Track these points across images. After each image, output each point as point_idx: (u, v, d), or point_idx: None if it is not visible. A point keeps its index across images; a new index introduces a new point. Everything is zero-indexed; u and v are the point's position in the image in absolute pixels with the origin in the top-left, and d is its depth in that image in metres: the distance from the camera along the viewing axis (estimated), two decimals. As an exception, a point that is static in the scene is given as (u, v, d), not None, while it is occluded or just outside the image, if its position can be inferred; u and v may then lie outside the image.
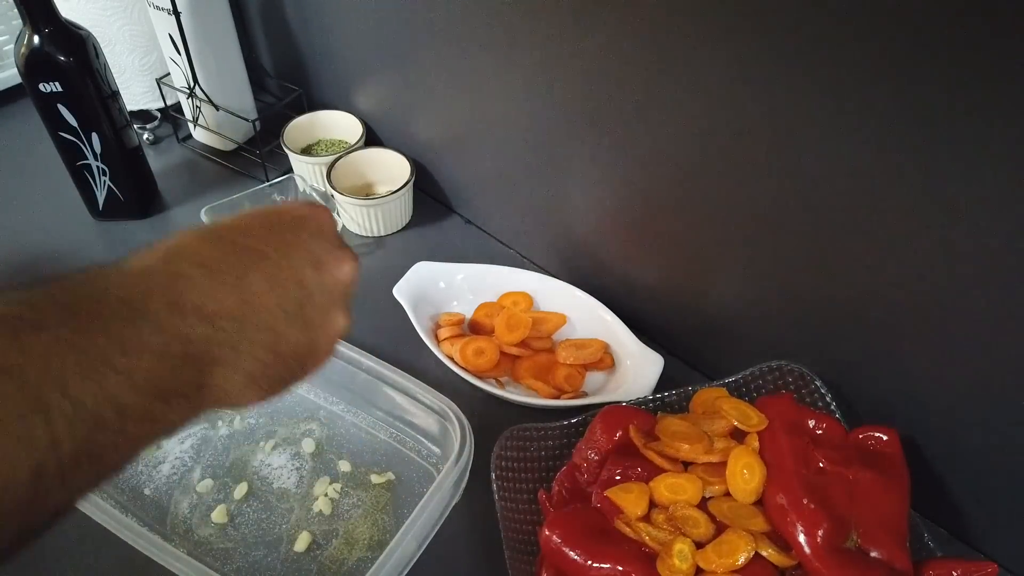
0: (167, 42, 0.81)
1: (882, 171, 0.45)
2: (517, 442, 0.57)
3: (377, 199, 0.76)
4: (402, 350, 0.67)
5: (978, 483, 0.52)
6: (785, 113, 0.47)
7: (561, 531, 0.48)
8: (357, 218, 0.78)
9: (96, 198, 0.79)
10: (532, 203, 0.73)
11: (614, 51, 0.54)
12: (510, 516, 0.53)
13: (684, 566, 0.45)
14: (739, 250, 0.57)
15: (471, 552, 0.54)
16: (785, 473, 0.49)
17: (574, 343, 0.67)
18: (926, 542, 0.49)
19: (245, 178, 0.87)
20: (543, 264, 0.77)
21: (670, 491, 0.49)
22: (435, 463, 0.59)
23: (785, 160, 0.49)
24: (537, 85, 0.63)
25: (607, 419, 0.54)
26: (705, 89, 0.51)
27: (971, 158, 0.41)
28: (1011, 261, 0.42)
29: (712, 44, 0.48)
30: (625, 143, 0.59)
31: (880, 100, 0.42)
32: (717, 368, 0.65)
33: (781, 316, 0.58)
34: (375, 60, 0.79)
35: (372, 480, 0.58)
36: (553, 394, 0.63)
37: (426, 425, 0.57)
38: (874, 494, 0.48)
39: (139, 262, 0.29)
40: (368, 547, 0.54)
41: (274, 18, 0.88)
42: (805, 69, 0.45)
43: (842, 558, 0.45)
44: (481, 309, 0.70)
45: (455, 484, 0.51)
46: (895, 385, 0.53)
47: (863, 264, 0.49)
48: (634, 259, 0.66)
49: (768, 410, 0.53)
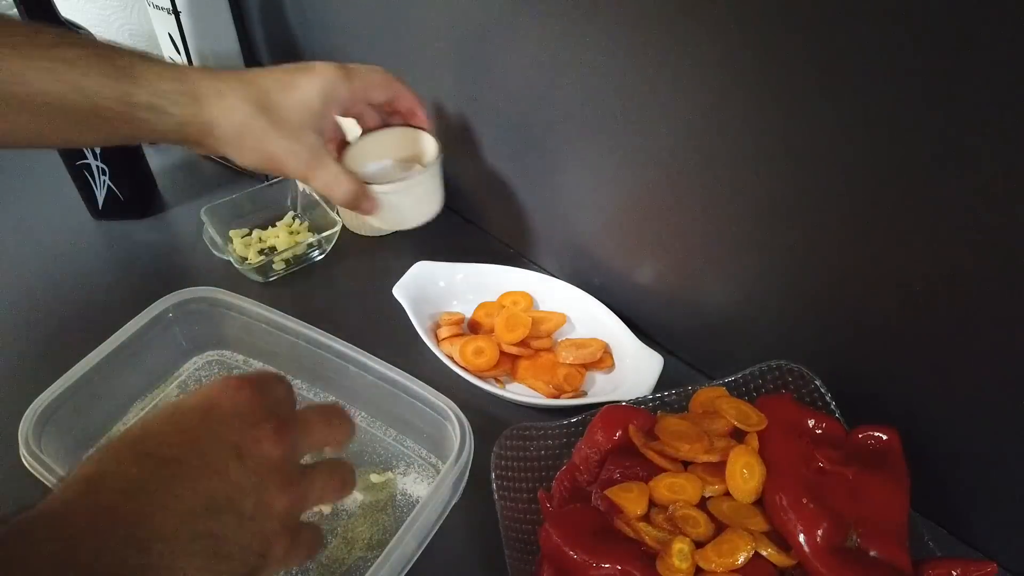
0: (167, 42, 0.81)
1: (882, 171, 0.45)
2: (517, 442, 0.57)
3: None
4: (402, 350, 0.67)
5: (978, 483, 0.52)
6: (785, 113, 0.47)
7: (561, 531, 0.48)
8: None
9: (96, 197, 0.79)
10: (532, 203, 0.73)
11: (612, 50, 0.55)
12: (510, 516, 0.53)
13: (684, 566, 0.45)
14: (739, 250, 0.57)
15: (471, 552, 0.54)
16: (785, 473, 0.48)
17: (574, 343, 0.67)
18: (926, 542, 0.49)
19: (245, 178, 0.86)
20: (543, 264, 0.77)
21: (670, 491, 0.49)
22: (435, 463, 0.59)
23: (785, 160, 0.49)
24: (536, 85, 0.63)
25: (607, 419, 0.54)
26: (704, 88, 0.51)
27: (971, 159, 0.41)
28: (1011, 261, 0.42)
29: (710, 44, 0.48)
30: (624, 142, 0.59)
31: (880, 100, 0.42)
32: (717, 368, 0.65)
33: (781, 316, 0.58)
34: (375, 59, 0.79)
35: (372, 479, 0.58)
36: (553, 394, 0.63)
37: (425, 424, 0.57)
38: (874, 494, 0.48)
39: (64, 501, 0.28)
40: (367, 547, 0.54)
41: (274, 17, 0.88)
42: (805, 68, 0.45)
43: (842, 558, 0.45)
44: (481, 309, 0.70)
45: (454, 484, 0.51)
46: (895, 385, 0.53)
47: (863, 264, 0.49)
48: (634, 259, 0.67)
49: (768, 410, 0.53)
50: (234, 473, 0.31)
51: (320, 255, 0.78)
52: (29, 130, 0.49)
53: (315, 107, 0.54)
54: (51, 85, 0.46)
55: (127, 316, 0.59)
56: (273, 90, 0.53)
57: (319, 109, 0.54)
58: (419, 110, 0.62)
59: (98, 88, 0.48)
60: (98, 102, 0.48)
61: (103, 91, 0.48)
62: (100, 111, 0.48)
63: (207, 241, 0.75)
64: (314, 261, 0.77)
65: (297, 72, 0.54)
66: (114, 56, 0.49)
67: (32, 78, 0.46)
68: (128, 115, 0.49)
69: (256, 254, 0.75)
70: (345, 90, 0.55)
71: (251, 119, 0.52)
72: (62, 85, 0.47)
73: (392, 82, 0.60)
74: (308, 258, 0.77)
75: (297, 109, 0.53)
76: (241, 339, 0.64)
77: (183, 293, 0.61)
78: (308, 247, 0.76)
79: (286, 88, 0.53)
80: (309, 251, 0.77)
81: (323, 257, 0.78)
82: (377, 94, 0.59)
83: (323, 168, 0.55)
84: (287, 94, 0.53)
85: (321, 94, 0.54)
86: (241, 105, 0.51)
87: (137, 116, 0.49)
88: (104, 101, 0.48)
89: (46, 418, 0.53)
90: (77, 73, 0.47)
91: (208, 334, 0.65)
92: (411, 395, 0.56)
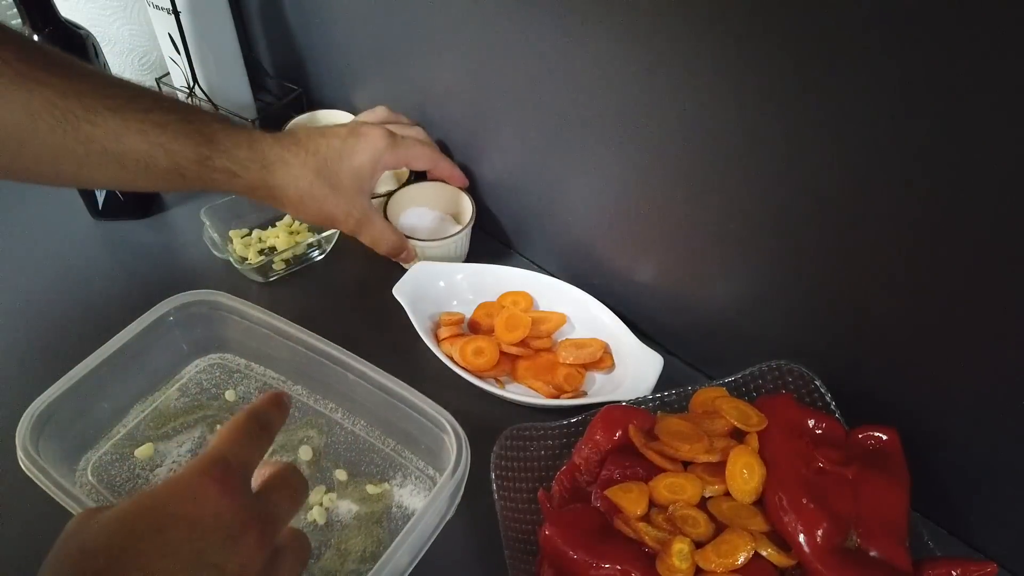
0: (167, 42, 0.81)
1: (882, 171, 0.45)
2: (517, 442, 0.57)
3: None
4: (402, 350, 0.67)
5: (978, 483, 0.52)
6: (785, 112, 0.47)
7: (561, 531, 0.48)
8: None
9: (96, 198, 0.79)
10: (531, 203, 0.73)
11: (611, 52, 0.54)
12: (510, 516, 0.53)
13: (684, 566, 0.45)
14: (739, 249, 0.57)
15: (470, 552, 0.54)
16: (785, 473, 0.49)
17: (574, 343, 0.67)
18: (926, 542, 0.49)
19: (245, 178, 0.86)
20: (543, 264, 0.77)
21: (670, 491, 0.49)
22: (432, 475, 0.58)
23: (785, 159, 0.49)
24: (536, 85, 0.63)
25: (607, 419, 0.54)
26: (704, 88, 0.51)
27: (970, 158, 0.41)
28: (1012, 260, 0.42)
29: (710, 43, 0.48)
30: (624, 142, 0.59)
31: (880, 100, 0.42)
32: (717, 368, 0.65)
33: (781, 316, 0.58)
34: (375, 58, 0.79)
35: (368, 491, 0.57)
36: (553, 394, 0.63)
37: (423, 436, 0.56)
38: (874, 494, 0.48)
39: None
40: (360, 559, 0.53)
41: (274, 17, 0.88)
42: (805, 68, 0.45)
43: (842, 558, 0.45)
44: (481, 309, 0.70)
45: (450, 498, 0.50)
46: (895, 385, 0.53)
47: (863, 264, 0.49)
48: (634, 258, 0.66)
49: (768, 410, 0.53)
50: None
51: (320, 255, 0.78)
52: (115, 178, 0.55)
53: (366, 173, 0.63)
54: (143, 145, 0.53)
55: (127, 317, 0.59)
56: (331, 158, 0.61)
57: (369, 175, 0.64)
58: (456, 174, 0.74)
59: (182, 150, 0.54)
60: (180, 162, 0.55)
61: (186, 153, 0.55)
62: (181, 170, 0.55)
63: (207, 241, 0.75)
64: (314, 261, 0.77)
65: (350, 138, 0.63)
66: (199, 121, 0.56)
67: (127, 138, 0.52)
68: (205, 176, 0.56)
69: (256, 254, 0.75)
70: (392, 159, 0.65)
71: (312, 186, 0.61)
72: (152, 147, 0.53)
73: (433, 154, 0.70)
74: (308, 258, 0.77)
75: (352, 175, 0.63)
76: (242, 343, 0.64)
77: (184, 296, 0.61)
78: (308, 247, 0.76)
79: (342, 156, 0.62)
80: (309, 251, 0.77)
81: (323, 257, 0.78)
82: (419, 164, 0.70)
83: (371, 225, 0.66)
84: (343, 162, 0.62)
85: (371, 162, 0.63)
86: (304, 173, 0.60)
87: (212, 177, 0.57)
88: (185, 162, 0.55)
89: (44, 421, 0.52)
90: (167, 137, 0.54)
91: (209, 337, 0.64)
92: (409, 406, 0.55)
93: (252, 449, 0.37)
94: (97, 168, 0.53)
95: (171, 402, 0.62)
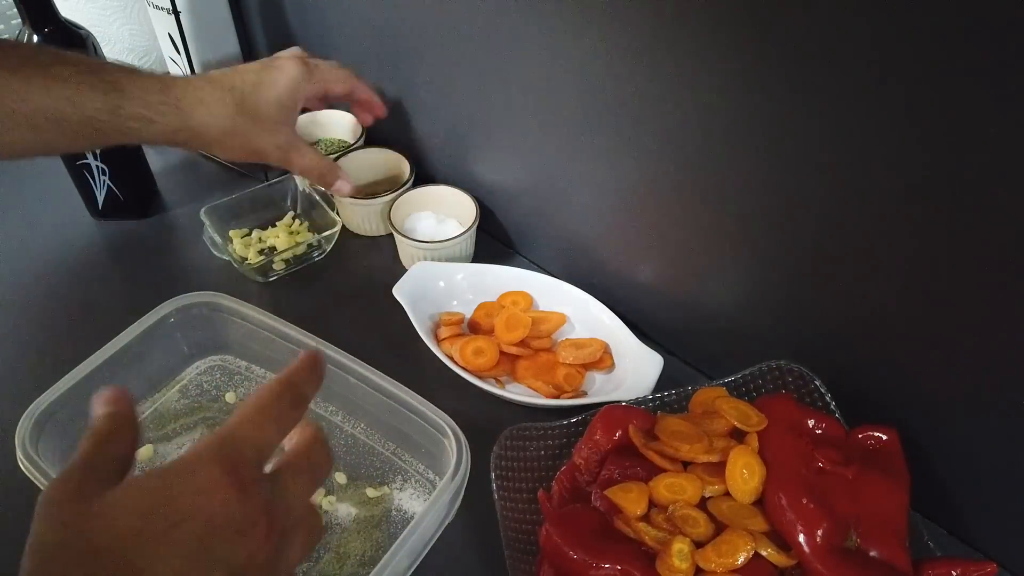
0: (167, 42, 0.81)
1: (883, 171, 0.45)
2: (517, 442, 0.57)
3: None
4: (402, 350, 0.67)
5: (978, 483, 0.52)
6: (785, 112, 0.47)
7: (561, 531, 0.48)
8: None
9: (96, 198, 0.79)
10: (531, 202, 0.73)
11: (611, 51, 0.54)
12: (510, 516, 0.53)
13: (684, 566, 0.45)
14: (739, 249, 0.57)
15: (470, 554, 0.54)
16: (785, 473, 0.48)
17: (574, 343, 0.67)
18: (926, 542, 0.49)
19: (245, 178, 0.86)
20: (543, 264, 0.77)
21: (669, 491, 0.49)
22: (432, 479, 0.58)
23: (785, 160, 0.49)
24: (535, 85, 0.63)
25: (607, 419, 0.54)
26: (704, 88, 0.51)
27: (970, 158, 0.41)
28: (1012, 260, 0.42)
29: (710, 43, 0.48)
30: (624, 142, 0.59)
31: (881, 101, 0.42)
32: (717, 368, 0.65)
33: (781, 316, 0.58)
34: (375, 58, 0.79)
35: (368, 494, 0.57)
36: (553, 394, 0.63)
37: (424, 439, 0.56)
38: (874, 494, 0.48)
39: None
40: (360, 563, 0.53)
41: (273, 17, 0.88)
42: (805, 67, 0.45)
43: (842, 558, 0.45)
44: (481, 309, 0.70)
45: (450, 502, 0.50)
46: (895, 385, 0.53)
47: (863, 264, 0.49)
48: (634, 258, 0.66)
49: (768, 410, 0.53)
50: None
51: (320, 255, 0.78)
52: (31, 142, 0.54)
53: (287, 103, 0.63)
54: (47, 100, 0.52)
55: (127, 316, 0.59)
56: (249, 93, 0.60)
57: (290, 104, 0.63)
58: (375, 100, 0.72)
59: (90, 102, 0.53)
60: (91, 114, 0.53)
61: (95, 103, 0.53)
62: (93, 122, 0.54)
63: (207, 241, 0.75)
64: (314, 261, 0.77)
65: (265, 71, 0.62)
66: (104, 71, 0.55)
67: (32, 96, 0.51)
68: (119, 125, 0.55)
69: (256, 254, 0.75)
70: (310, 86, 0.64)
71: (235, 123, 0.60)
72: (58, 101, 0.52)
73: (350, 77, 0.69)
74: (308, 258, 0.77)
75: (273, 106, 0.62)
76: (243, 345, 0.64)
77: (185, 298, 0.61)
78: (308, 247, 0.76)
79: (260, 89, 0.61)
80: (309, 251, 0.77)
81: (323, 257, 0.78)
82: (338, 87, 0.68)
83: (299, 154, 0.65)
84: (261, 94, 0.61)
85: (290, 91, 0.62)
86: (224, 111, 0.59)
87: (128, 126, 0.56)
88: (96, 113, 0.54)
89: (44, 421, 0.52)
90: (72, 90, 0.53)
91: (210, 339, 0.64)
92: (409, 409, 0.55)
93: (274, 433, 0.34)
94: (10, 132, 0.52)
95: (171, 404, 0.62)
